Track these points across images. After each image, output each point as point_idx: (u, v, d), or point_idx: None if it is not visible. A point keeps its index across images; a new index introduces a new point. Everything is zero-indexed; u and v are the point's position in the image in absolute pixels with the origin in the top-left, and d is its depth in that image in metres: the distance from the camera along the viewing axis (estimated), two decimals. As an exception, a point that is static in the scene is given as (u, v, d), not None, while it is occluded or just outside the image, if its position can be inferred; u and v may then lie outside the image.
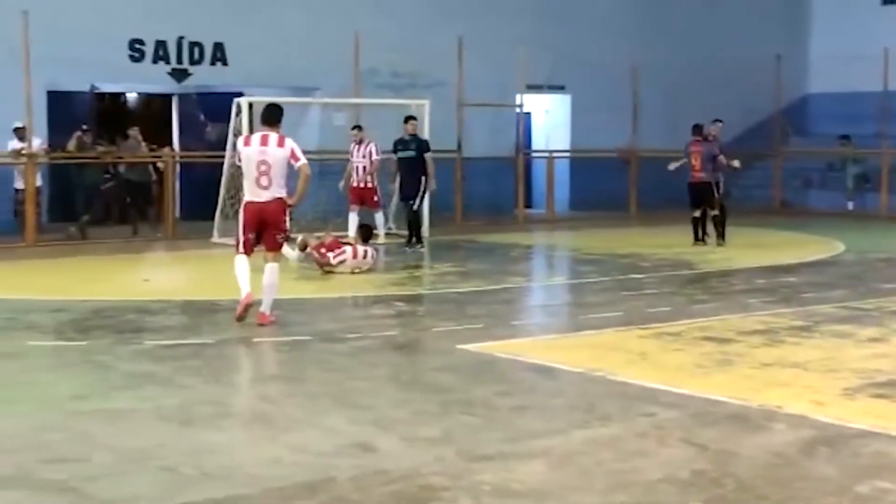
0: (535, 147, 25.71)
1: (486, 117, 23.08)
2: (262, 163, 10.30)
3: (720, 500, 5.57)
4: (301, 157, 10.41)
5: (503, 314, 11.46)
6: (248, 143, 10.56)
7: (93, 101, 21.69)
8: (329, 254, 13.96)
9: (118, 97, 24.80)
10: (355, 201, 17.90)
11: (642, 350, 9.32)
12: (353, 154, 18.05)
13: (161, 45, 20.63)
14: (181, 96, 22.50)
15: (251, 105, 17.96)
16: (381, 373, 8.55)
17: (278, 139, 10.39)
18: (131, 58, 20.39)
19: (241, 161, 10.54)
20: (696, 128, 18.17)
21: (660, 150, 23.50)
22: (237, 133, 17.92)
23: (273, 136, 10.41)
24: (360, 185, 17.90)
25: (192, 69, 21.01)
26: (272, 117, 10.57)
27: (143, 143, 20.23)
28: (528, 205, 23.74)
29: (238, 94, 18.79)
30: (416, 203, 17.35)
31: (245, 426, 7.05)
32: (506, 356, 9.04)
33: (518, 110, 23.15)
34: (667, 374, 8.36)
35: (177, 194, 19.72)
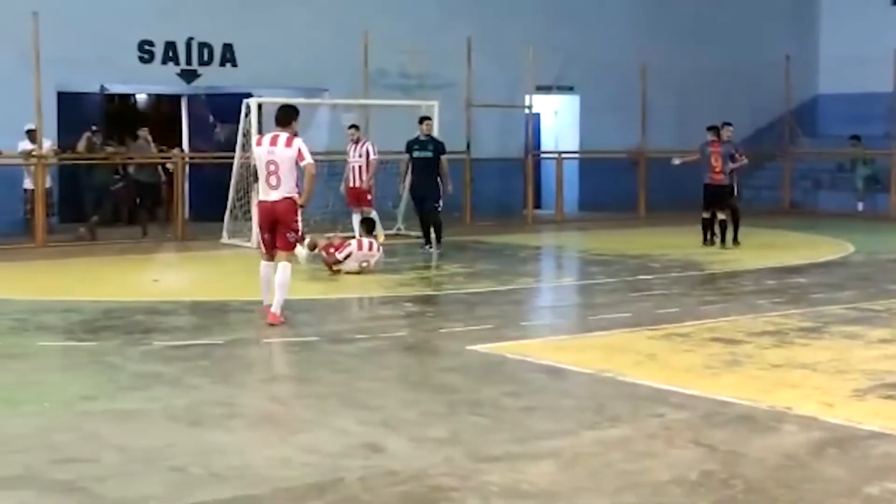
0: (544, 148, 25.70)
1: (495, 118, 23.09)
2: (270, 162, 10.47)
3: (729, 501, 5.56)
4: (307, 156, 10.48)
5: (512, 315, 11.46)
6: (259, 144, 10.82)
7: (102, 102, 21.73)
8: (336, 253, 14.02)
9: (128, 98, 24.83)
10: (352, 202, 17.80)
11: (651, 351, 9.31)
12: (350, 154, 17.96)
13: (170, 46, 20.65)
14: (190, 97, 22.53)
15: (260, 106, 17.99)
16: (390, 373, 8.55)
17: (287, 139, 10.50)
18: (141, 59, 20.43)
19: (255, 161, 10.84)
20: (714, 129, 17.93)
21: (669, 151, 23.51)
22: (246, 134, 17.98)
23: (283, 136, 10.54)
24: (357, 184, 17.80)
25: (201, 70, 21.04)
26: (282, 118, 10.74)
27: (152, 143, 20.25)
28: (538, 206, 23.74)
29: (247, 95, 18.82)
30: (440, 205, 17.25)
31: (254, 427, 7.05)
32: (515, 357, 9.03)
33: (527, 111, 23.15)
34: (676, 375, 8.35)
35: (186, 195, 19.75)
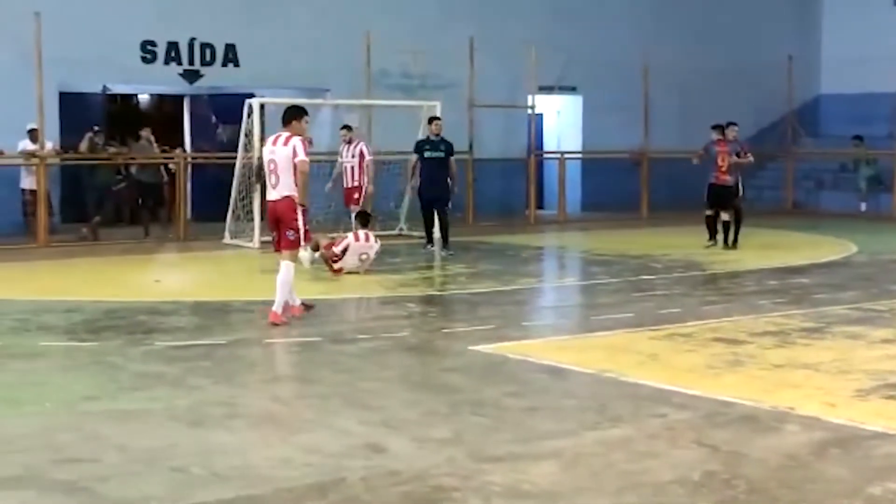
0: (546, 148, 25.69)
1: (497, 118, 23.08)
2: (271, 161, 10.63)
3: (731, 501, 5.55)
4: (300, 153, 10.52)
5: (514, 315, 11.46)
6: (264, 144, 11.02)
7: (104, 103, 21.75)
8: (334, 247, 14.02)
9: (130, 98, 24.84)
10: (349, 202, 17.72)
11: (653, 351, 9.30)
12: (343, 154, 17.85)
13: (173, 46, 20.65)
14: (193, 97, 22.54)
15: (262, 106, 18.00)
16: (392, 374, 8.55)
17: (286, 139, 10.61)
18: (143, 59, 20.42)
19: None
20: (719, 127, 17.72)
21: (671, 151, 23.53)
22: (248, 134, 17.98)
23: (284, 136, 10.65)
24: (351, 185, 17.70)
25: (203, 70, 21.03)
26: (285, 117, 10.82)
27: (154, 144, 20.26)
28: (540, 206, 23.74)
29: (249, 96, 18.82)
30: (450, 206, 17.27)
31: (256, 427, 7.05)
32: (517, 357, 9.03)
33: (529, 111, 23.14)
34: (678, 375, 8.34)
35: (188, 195, 19.74)
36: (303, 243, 10.79)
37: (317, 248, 14.19)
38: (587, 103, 25.49)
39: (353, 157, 17.67)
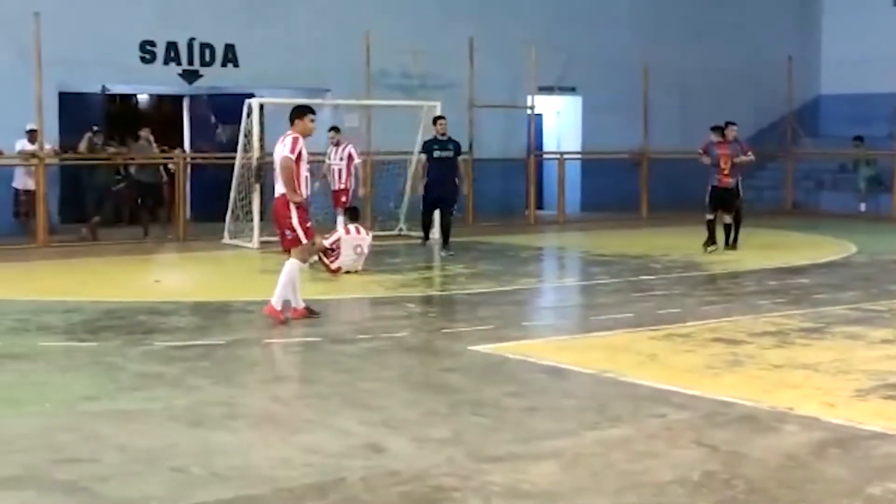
0: (546, 149, 25.69)
1: (497, 119, 23.08)
2: (274, 161, 10.71)
3: (731, 501, 5.55)
4: (285, 150, 10.53)
5: (514, 315, 11.46)
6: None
7: (104, 103, 21.75)
8: (324, 241, 13.89)
9: (129, 98, 24.84)
10: (337, 204, 17.40)
11: (653, 351, 9.30)
12: (331, 156, 17.65)
13: (172, 46, 20.64)
14: (192, 97, 22.54)
15: (262, 106, 17.99)
16: (392, 374, 8.55)
17: (283, 138, 10.66)
18: (142, 59, 20.41)
19: None
20: (719, 129, 17.48)
21: (671, 152, 23.54)
22: (248, 134, 17.97)
23: (285, 135, 10.68)
24: (339, 187, 17.54)
25: (202, 70, 21.03)
26: (290, 117, 10.84)
27: (153, 144, 20.25)
28: (540, 206, 23.73)
29: (249, 96, 18.82)
30: (455, 207, 17.26)
31: (255, 427, 7.05)
32: (516, 357, 9.03)
33: (529, 112, 23.15)
34: (677, 375, 8.35)
35: (188, 195, 19.74)
36: (304, 241, 10.66)
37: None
38: (586, 103, 25.48)
39: (341, 159, 17.43)
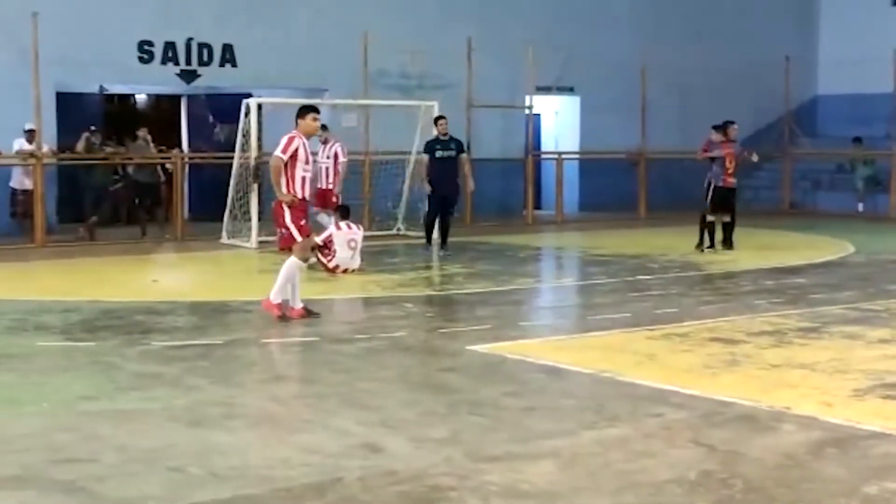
0: (544, 148, 25.70)
1: (495, 119, 23.09)
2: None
3: (728, 500, 5.56)
4: (277, 149, 10.63)
5: (512, 315, 11.46)
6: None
7: (102, 103, 21.75)
8: (316, 238, 13.85)
9: (127, 98, 24.83)
10: (319, 203, 16.50)
11: (650, 351, 9.31)
12: (318, 154, 17.42)
13: (170, 46, 20.64)
14: (190, 97, 22.54)
15: (260, 106, 17.99)
16: (390, 374, 8.55)
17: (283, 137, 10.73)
18: (140, 59, 20.41)
19: None
20: (722, 127, 17.19)
21: (669, 152, 23.56)
22: (246, 134, 17.97)
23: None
24: (325, 186, 17.35)
25: (200, 70, 21.03)
26: (296, 117, 10.96)
27: (151, 144, 20.25)
28: (538, 206, 23.74)
29: (247, 96, 18.83)
30: (454, 207, 17.30)
31: (253, 427, 7.05)
32: (514, 357, 9.03)
33: (527, 112, 23.15)
34: (675, 374, 8.35)
35: (185, 195, 19.75)
36: (299, 238, 10.61)
37: (312, 248, 14.15)
38: (585, 103, 25.50)
39: (328, 157, 17.10)
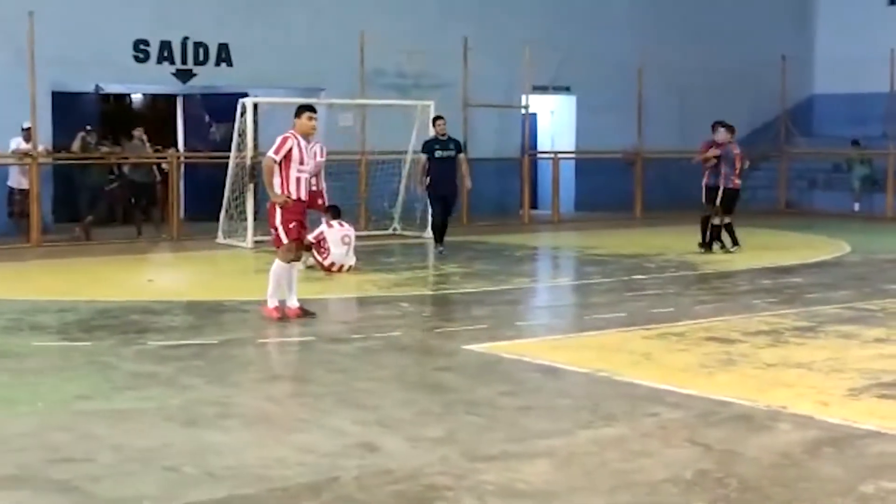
0: (540, 148, 25.69)
1: (491, 118, 23.08)
2: None
3: (724, 500, 5.56)
4: (270, 150, 10.70)
5: (508, 315, 11.46)
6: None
7: (97, 102, 21.72)
8: (309, 236, 13.79)
9: (123, 98, 24.82)
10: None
11: (646, 350, 9.31)
12: None
13: (166, 45, 20.61)
14: (186, 97, 22.51)
15: (256, 105, 17.96)
16: (386, 373, 8.54)
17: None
18: (136, 58, 20.37)
19: None
20: (731, 127, 16.76)
21: (665, 151, 23.57)
22: (241, 133, 17.94)
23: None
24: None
25: (196, 70, 20.99)
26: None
27: (147, 143, 20.23)
28: (534, 206, 23.75)
29: (243, 95, 18.79)
30: (454, 206, 17.33)
31: (249, 426, 7.05)
32: (510, 356, 9.03)
33: (524, 111, 23.15)
34: (671, 374, 8.35)
35: (181, 195, 19.72)
36: (285, 241, 10.60)
37: (308, 248, 14.14)
38: (581, 103, 25.49)
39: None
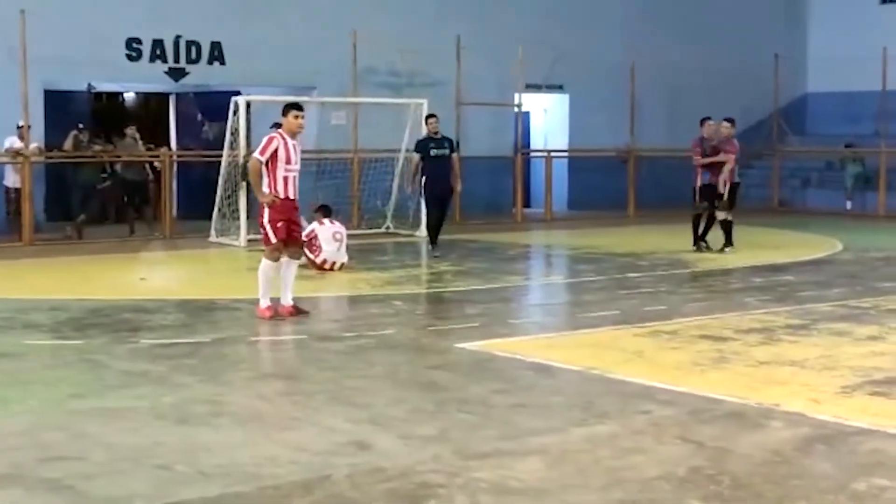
0: (533, 146, 25.71)
1: (484, 117, 23.09)
2: None
3: (716, 497, 5.56)
4: (257, 149, 10.67)
5: (500, 313, 11.45)
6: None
7: (90, 100, 21.70)
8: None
9: (115, 96, 24.79)
10: None
11: (639, 348, 9.31)
12: None
13: (158, 44, 20.59)
14: (178, 95, 22.51)
15: (248, 104, 17.95)
16: (379, 371, 8.54)
17: None
18: (128, 57, 20.36)
19: None
20: (732, 121, 16.75)
21: (658, 150, 23.59)
22: (234, 132, 17.94)
23: None
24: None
25: (189, 68, 20.98)
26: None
27: (140, 142, 20.20)
28: (527, 204, 23.76)
29: (235, 93, 18.78)
30: (450, 206, 17.30)
31: (241, 425, 7.03)
32: (503, 354, 9.03)
33: (516, 110, 23.15)
34: (664, 372, 8.35)
35: (174, 193, 19.71)
36: (272, 240, 10.56)
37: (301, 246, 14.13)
38: (574, 101, 25.52)
39: None
